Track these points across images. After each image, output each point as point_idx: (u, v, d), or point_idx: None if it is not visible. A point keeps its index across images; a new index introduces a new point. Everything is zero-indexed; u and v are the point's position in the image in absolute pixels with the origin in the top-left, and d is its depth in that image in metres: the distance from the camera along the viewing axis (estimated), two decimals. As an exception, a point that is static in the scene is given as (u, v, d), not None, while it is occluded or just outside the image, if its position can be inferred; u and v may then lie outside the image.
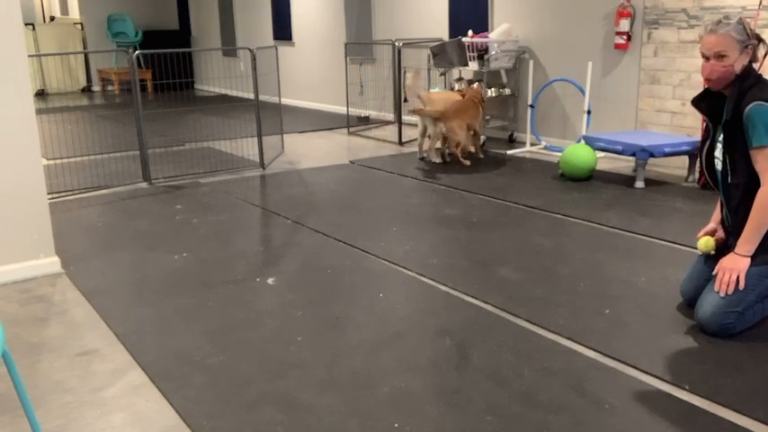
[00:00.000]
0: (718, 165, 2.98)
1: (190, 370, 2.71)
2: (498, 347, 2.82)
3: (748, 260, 2.81)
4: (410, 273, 3.69)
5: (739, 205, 2.89)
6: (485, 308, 3.22)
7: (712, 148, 3.00)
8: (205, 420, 2.36)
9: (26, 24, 12.97)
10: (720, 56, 2.80)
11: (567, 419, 2.30)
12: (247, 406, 2.44)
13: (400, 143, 7.41)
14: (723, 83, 2.85)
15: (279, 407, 2.43)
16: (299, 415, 2.37)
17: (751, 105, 2.74)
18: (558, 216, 4.65)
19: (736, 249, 2.84)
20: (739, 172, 2.85)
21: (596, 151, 5.76)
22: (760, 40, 2.86)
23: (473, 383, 2.55)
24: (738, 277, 2.81)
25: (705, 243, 3.05)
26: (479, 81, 7.27)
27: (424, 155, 6.66)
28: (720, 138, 2.94)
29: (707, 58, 2.84)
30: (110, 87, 13.69)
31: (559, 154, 6.53)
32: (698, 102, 3.01)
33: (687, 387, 2.48)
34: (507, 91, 7.31)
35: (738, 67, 2.81)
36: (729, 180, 2.91)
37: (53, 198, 5.35)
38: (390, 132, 8.29)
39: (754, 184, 2.81)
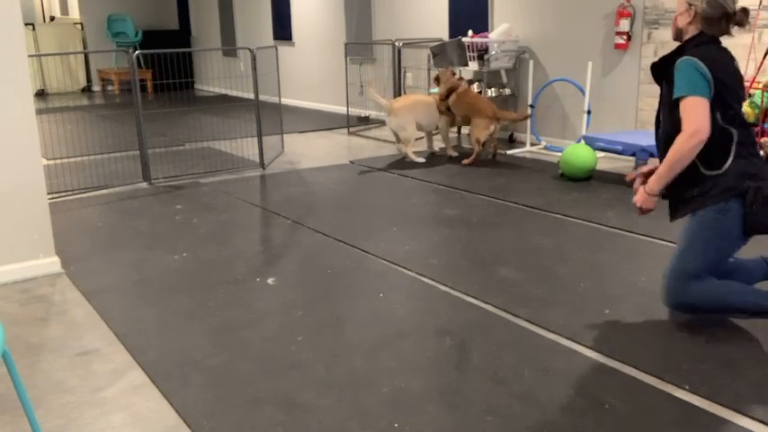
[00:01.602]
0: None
1: (190, 370, 2.71)
2: (498, 347, 2.82)
3: (655, 199, 2.90)
4: (410, 273, 3.69)
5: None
6: (485, 308, 3.22)
7: None
8: (205, 420, 2.36)
9: (26, 24, 12.97)
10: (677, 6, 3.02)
11: (567, 419, 2.30)
12: (247, 406, 2.44)
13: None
14: (672, 32, 3.02)
15: (279, 407, 2.43)
16: (299, 415, 2.38)
17: (681, 59, 2.83)
18: (558, 216, 4.65)
19: (646, 187, 2.91)
20: (665, 124, 2.94)
21: (596, 151, 5.76)
22: (727, 13, 2.88)
23: (473, 383, 2.55)
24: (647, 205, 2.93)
25: None
26: (479, 80, 7.27)
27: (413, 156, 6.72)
28: None
29: None
30: (110, 87, 13.70)
31: (559, 154, 6.53)
32: (654, 64, 3.08)
33: (687, 387, 2.48)
34: (507, 91, 7.31)
35: (681, 23, 2.95)
36: (660, 136, 2.99)
37: (53, 198, 5.35)
38: (390, 132, 8.29)
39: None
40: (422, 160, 6.48)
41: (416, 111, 6.44)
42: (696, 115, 2.74)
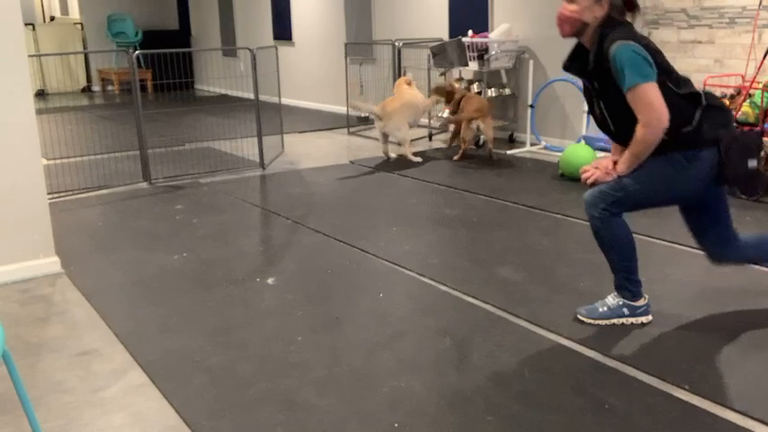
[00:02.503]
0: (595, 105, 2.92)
1: (190, 370, 2.71)
2: (498, 347, 2.82)
3: (615, 176, 2.82)
4: (410, 273, 3.69)
5: None
6: (485, 308, 3.22)
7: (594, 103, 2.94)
8: (205, 420, 2.36)
9: (26, 24, 12.96)
10: (570, 0, 2.80)
11: (567, 419, 2.30)
12: (247, 406, 2.44)
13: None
14: (568, 30, 2.86)
15: (279, 407, 2.43)
16: (299, 415, 2.38)
17: (613, 47, 2.69)
18: (558, 216, 4.65)
19: (618, 169, 2.82)
20: (618, 117, 2.80)
21: (596, 151, 5.77)
22: (629, 4, 2.81)
23: (473, 383, 2.55)
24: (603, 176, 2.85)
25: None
26: (479, 80, 7.28)
27: (392, 155, 6.72)
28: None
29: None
30: (110, 87, 13.69)
31: (559, 154, 6.53)
32: (568, 64, 2.96)
33: (687, 387, 2.48)
34: (507, 91, 7.31)
35: (588, 17, 2.79)
36: (612, 128, 2.86)
37: (53, 198, 5.35)
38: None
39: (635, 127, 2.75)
40: (419, 160, 6.50)
41: (408, 111, 6.50)
42: (654, 103, 2.64)
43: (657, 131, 2.67)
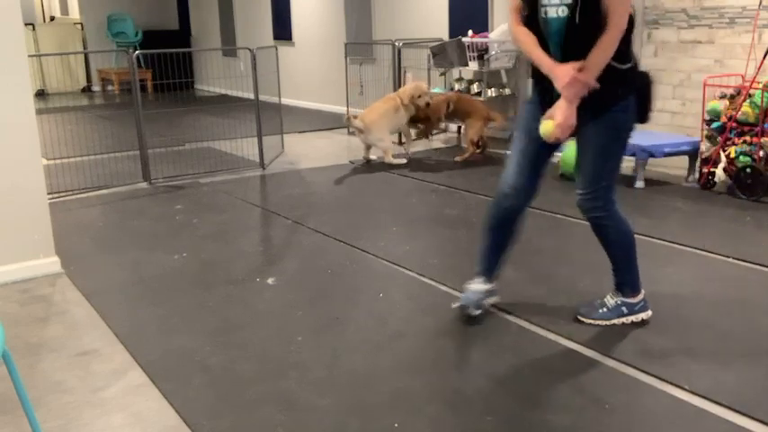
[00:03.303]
0: (552, 12, 2.72)
1: (190, 370, 2.71)
2: (498, 347, 2.82)
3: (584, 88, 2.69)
4: (410, 273, 3.69)
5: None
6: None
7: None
8: (205, 420, 2.36)
9: (26, 24, 12.95)
10: None
11: (567, 419, 2.30)
12: (247, 406, 2.44)
13: (400, 143, 7.41)
14: None
15: (279, 407, 2.43)
16: (299, 415, 2.38)
17: None
18: (558, 216, 4.65)
19: (581, 74, 2.65)
20: (586, 23, 2.61)
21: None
22: None
23: (473, 383, 2.55)
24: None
25: (548, 127, 2.84)
26: (479, 80, 7.27)
27: (371, 158, 6.67)
28: None
29: None
30: (110, 87, 13.68)
31: (559, 154, 6.53)
32: None
33: (687, 387, 2.48)
34: (507, 91, 7.31)
35: None
36: (577, 21, 2.63)
37: (53, 198, 5.35)
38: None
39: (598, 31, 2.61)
40: (403, 161, 6.49)
41: (388, 120, 6.48)
42: (629, 2, 2.56)
43: (619, 34, 2.59)
